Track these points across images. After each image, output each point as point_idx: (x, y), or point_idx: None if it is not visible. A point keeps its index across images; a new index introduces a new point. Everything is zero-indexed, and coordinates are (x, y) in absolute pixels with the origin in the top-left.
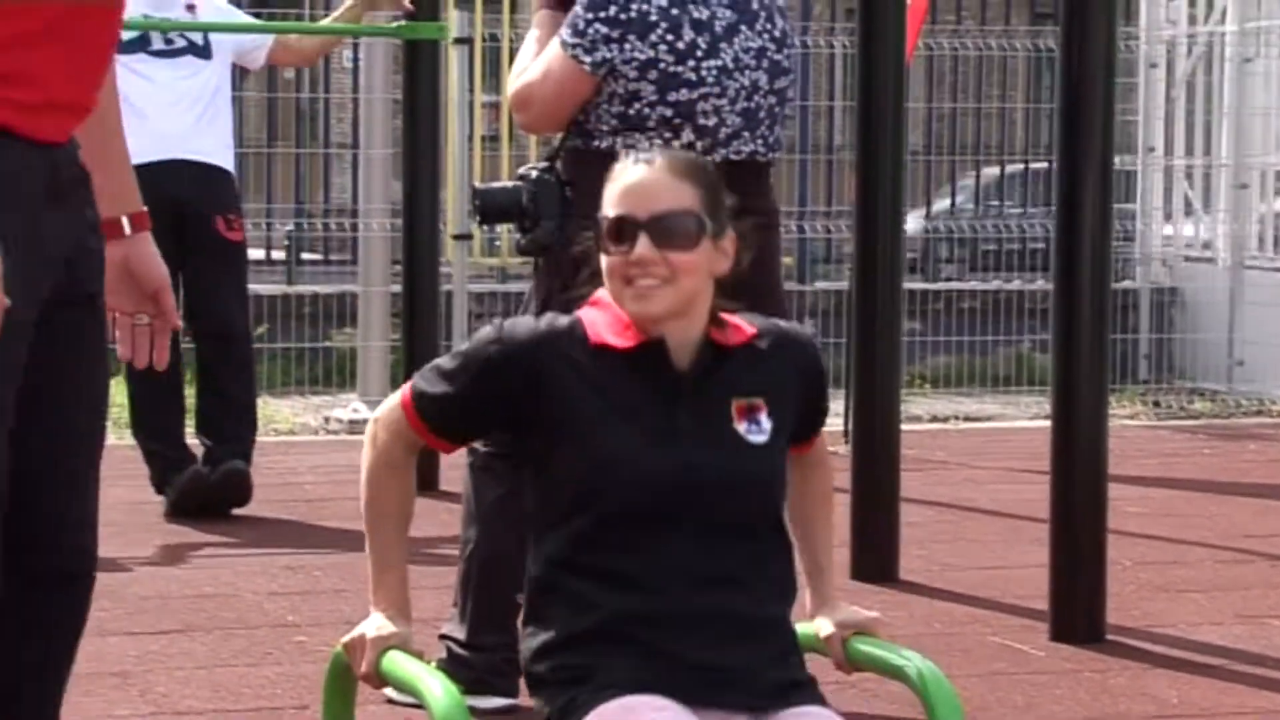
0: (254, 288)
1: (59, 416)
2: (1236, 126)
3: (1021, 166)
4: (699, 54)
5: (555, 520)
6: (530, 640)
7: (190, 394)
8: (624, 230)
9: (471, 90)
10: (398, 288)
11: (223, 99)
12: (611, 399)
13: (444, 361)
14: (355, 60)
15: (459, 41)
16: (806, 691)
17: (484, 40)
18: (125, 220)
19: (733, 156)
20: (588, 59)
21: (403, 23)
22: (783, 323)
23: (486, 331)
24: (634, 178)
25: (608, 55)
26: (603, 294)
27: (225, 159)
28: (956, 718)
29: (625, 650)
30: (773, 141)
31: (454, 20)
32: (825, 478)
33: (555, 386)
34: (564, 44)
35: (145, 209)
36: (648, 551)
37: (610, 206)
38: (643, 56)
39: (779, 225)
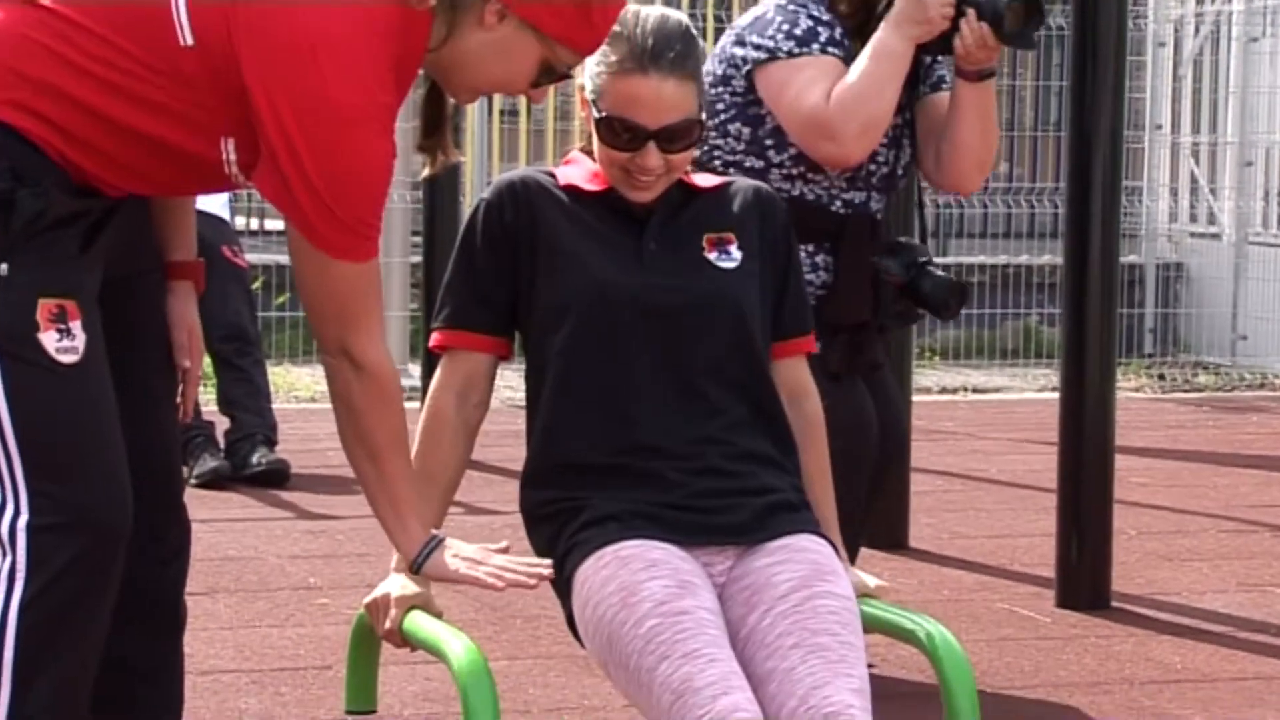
0: (276, 258)
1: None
2: (1242, 105)
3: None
4: None
5: (537, 345)
6: (527, 488)
7: (209, 385)
8: (633, 138)
9: None
10: (417, 258)
11: None
12: (584, 230)
13: (450, 269)
14: None
15: None
16: (791, 515)
17: None
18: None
19: None
20: None
21: None
22: (752, 180)
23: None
24: (646, 89)
25: None
26: (577, 154)
27: (224, 212)
28: (967, 680)
29: (610, 482)
30: None
31: None
32: (815, 415)
33: (539, 221)
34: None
35: (192, 260)
36: (622, 378)
37: (618, 106)
38: None
39: None
